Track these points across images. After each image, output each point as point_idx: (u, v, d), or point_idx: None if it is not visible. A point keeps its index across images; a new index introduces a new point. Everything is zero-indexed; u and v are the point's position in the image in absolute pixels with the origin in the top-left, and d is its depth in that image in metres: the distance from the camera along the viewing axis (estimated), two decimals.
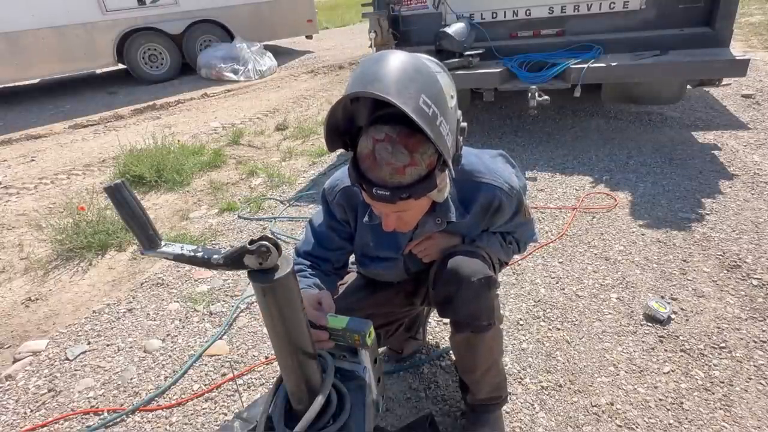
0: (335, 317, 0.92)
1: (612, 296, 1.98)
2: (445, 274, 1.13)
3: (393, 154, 0.86)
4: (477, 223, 1.20)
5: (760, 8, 8.10)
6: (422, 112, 0.81)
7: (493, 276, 1.13)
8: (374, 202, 0.95)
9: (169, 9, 7.18)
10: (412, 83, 0.82)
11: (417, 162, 0.87)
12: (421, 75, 0.85)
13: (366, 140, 0.88)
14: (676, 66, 2.95)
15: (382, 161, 0.86)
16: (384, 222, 1.02)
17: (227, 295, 2.23)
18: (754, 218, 2.40)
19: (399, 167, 0.86)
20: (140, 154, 3.75)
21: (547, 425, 1.45)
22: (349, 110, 0.92)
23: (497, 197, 1.13)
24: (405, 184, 0.88)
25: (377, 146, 0.86)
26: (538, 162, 3.34)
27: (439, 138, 0.84)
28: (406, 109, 0.79)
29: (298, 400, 0.81)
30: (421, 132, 0.85)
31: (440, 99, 0.86)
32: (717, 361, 1.62)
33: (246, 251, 0.64)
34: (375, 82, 0.81)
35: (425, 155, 0.88)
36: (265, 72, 7.42)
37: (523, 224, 1.30)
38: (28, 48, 6.31)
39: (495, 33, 3.59)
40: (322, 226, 1.25)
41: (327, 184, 1.23)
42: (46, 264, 2.64)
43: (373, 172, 0.88)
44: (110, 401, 1.70)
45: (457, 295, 1.11)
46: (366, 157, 0.89)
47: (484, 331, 1.16)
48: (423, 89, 0.83)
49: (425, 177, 0.89)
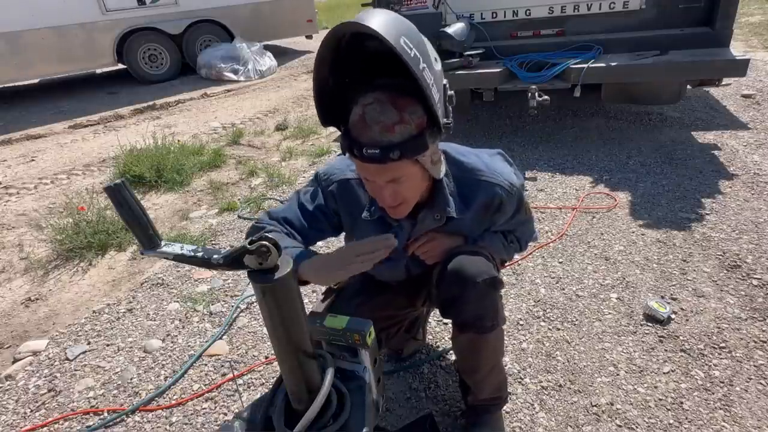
0: (335, 317, 0.91)
1: (612, 296, 1.98)
2: (449, 275, 1.12)
3: (382, 112, 0.88)
4: (478, 222, 1.19)
5: (760, 8, 8.10)
6: (403, 49, 0.81)
7: (498, 277, 1.12)
8: (367, 170, 0.95)
9: (169, 9, 7.17)
10: (394, 25, 0.83)
11: (406, 120, 0.89)
12: (404, 24, 0.86)
13: (356, 108, 0.91)
14: (676, 66, 2.95)
15: (372, 121, 0.88)
16: (379, 198, 1.01)
17: (227, 295, 2.23)
18: (754, 218, 2.40)
19: (389, 124, 0.88)
20: (140, 154, 3.75)
21: (547, 425, 1.45)
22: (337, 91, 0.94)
23: (498, 195, 1.12)
24: (395, 142, 0.88)
25: (367, 109, 0.89)
26: (538, 162, 3.34)
27: (423, 81, 0.84)
28: (388, 39, 0.79)
29: (298, 400, 0.81)
30: (408, 95, 0.87)
31: (422, 48, 0.87)
32: (717, 361, 1.62)
33: (246, 251, 0.64)
34: (355, 20, 0.82)
35: (414, 115, 0.89)
36: (265, 72, 7.41)
37: (524, 222, 1.30)
38: (27, 48, 6.30)
39: (495, 33, 3.59)
40: (311, 203, 1.19)
41: (322, 170, 1.21)
42: (46, 264, 2.64)
43: (364, 134, 0.89)
44: (110, 401, 1.70)
45: (461, 296, 1.10)
46: (356, 122, 0.90)
47: (488, 332, 1.15)
48: (405, 33, 0.84)
49: (416, 136, 0.90)
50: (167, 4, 7.13)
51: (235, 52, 7.28)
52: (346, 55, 0.91)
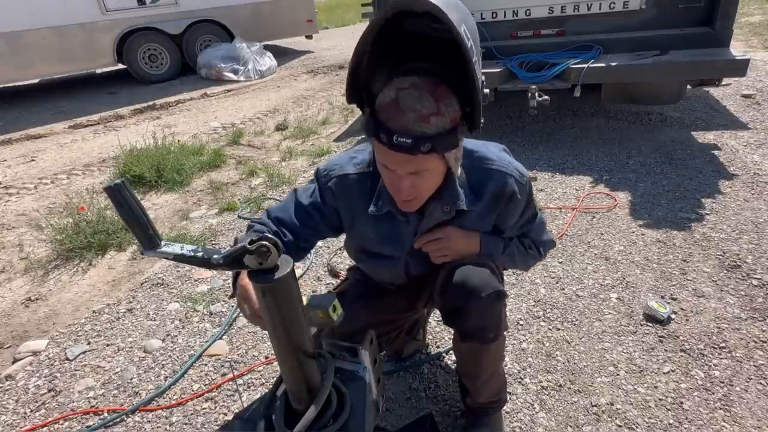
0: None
1: (612, 296, 1.98)
2: (453, 286, 1.10)
3: (419, 99, 0.82)
4: (489, 213, 1.13)
5: (760, 8, 8.10)
6: (463, 39, 0.77)
7: (503, 290, 1.11)
8: (391, 159, 0.90)
9: (169, 9, 7.17)
10: (456, 10, 0.79)
11: (443, 112, 0.84)
12: (462, 9, 0.82)
13: (388, 90, 0.85)
14: (676, 66, 2.95)
15: (407, 107, 0.83)
16: (396, 188, 0.97)
17: (227, 295, 2.23)
18: (754, 218, 2.40)
19: (425, 114, 0.82)
20: (140, 154, 3.75)
21: (547, 425, 1.45)
22: (368, 70, 0.89)
23: (509, 184, 1.08)
24: (428, 134, 0.83)
25: (401, 93, 0.83)
26: (538, 162, 3.34)
27: (474, 76, 0.80)
28: (456, 24, 0.75)
29: (298, 400, 0.81)
30: (446, 83, 0.82)
31: (476, 40, 0.84)
32: (717, 361, 1.62)
33: (246, 251, 0.64)
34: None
35: (450, 108, 0.85)
36: (265, 72, 7.41)
37: (534, 221, 1.24)
38: (27, 48, 6.30)
39: (495, 33, 3.59)
40: (307, 201, 1.15)
41: (322, 166, 1.16)
42: (46, 264, 2.64)
43: (396, 119, 0.84)
44: (110, 401, 1.70)
45: (465, 308, 1.09)
46: (388, 105, 0.85)
47: (489, 342, 1.15)
48: (465, 20, 0.80)
49: (449, 131, 0.85)
50: (167, 4, 7.13)
51: (235, 52, 7.28)
52: (386, 32, 0.86)
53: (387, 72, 0.91)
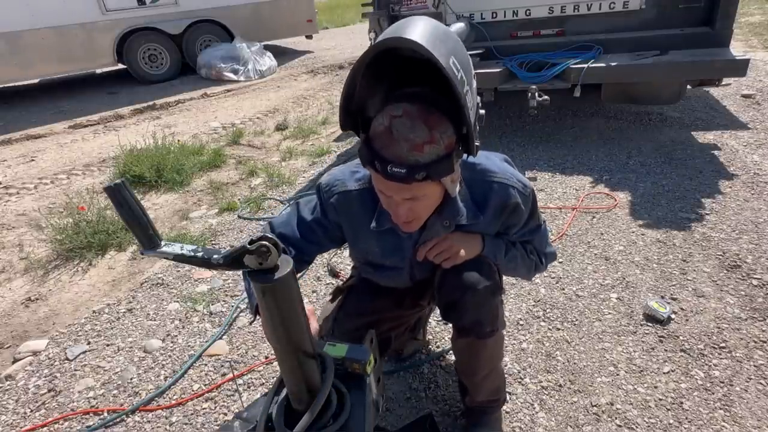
0: (333, 345, 0.91)
1: (612, 296, 1.98)
2: (450, 280, 1.11)
3: (412, 128, 0.82)
4: (493, 225, 1.14)
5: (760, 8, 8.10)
6: (453, 72, 0.77)
7: (499, 284, 1.12)
8: (386, 186, 0.90)
9: (169, 9, 7.17)
10: (443, 43, 0.78)
11: (436, 140, 0.83)
12: (451, 39, 0.82)
13: (381, 118, 0.85)
14: (676, 66, 2.95)
15: (400, 137, 0.82)
16: (394, 213, 0.97)
17: (227, 295, 2.23)
18: (754, 218, 2.40)
19: (418, 143, 0.82)
20: (140, 154, 3.75)
21: (547, 425, 1.45)
22: (362, 95, 0.88)
23: (512, 196, 1.08)
24: (422, 162, 0.83)
25: (395, 122, 0.82)
26: (538, 162, 3.34)
27: (465, 104, 0.80)
28: (440, 60, 0.74)
29: (298, 400, 0.81)
30: (439, 111, 0.81)
31: (467, 69, 0.83)
32: (717, 361, 1.62)
33: (246, 251, 0.64)
34: (405, 35, 0.76)
35: (444, 135, 0.84)
36: (265, 72, 7.41)
37: (539, 231, 1.24)
38: (28, 48, 6.31)
39: (495, 33, 3.59)
40: (309, 216, 1.17)
41: (324, 180, 1.16)
42: (46, 264, 2.64)
43: (389, 149, 0.83)
44: (110, 401, 1.70)
45: (461, 302, 1.10)
46: (381, 133, 0.84)
47: (487, 337, 1.15)
48: (453, 52, 0.79)
49: (443, 157, 0.85)
50: (167, 4, 7.14)
51: (235, 52, 7.28)
52: (380, 60, 0.86)
53: (382, 94, 0.90)
